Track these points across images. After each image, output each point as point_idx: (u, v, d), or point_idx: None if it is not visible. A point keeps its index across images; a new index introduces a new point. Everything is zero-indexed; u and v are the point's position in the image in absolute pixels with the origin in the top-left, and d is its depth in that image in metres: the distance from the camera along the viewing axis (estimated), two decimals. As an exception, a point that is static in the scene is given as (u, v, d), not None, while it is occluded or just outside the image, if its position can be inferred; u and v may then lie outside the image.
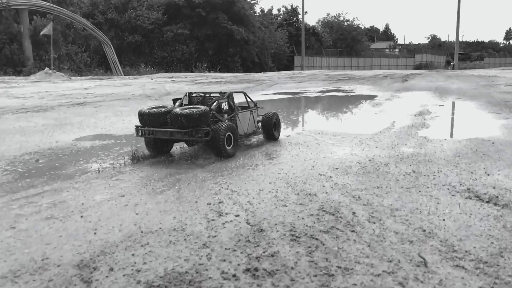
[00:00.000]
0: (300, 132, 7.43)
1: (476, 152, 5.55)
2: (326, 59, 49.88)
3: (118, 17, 34.30)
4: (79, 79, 21.80)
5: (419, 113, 9.55)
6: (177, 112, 5.07)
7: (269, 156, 5.57)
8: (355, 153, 5.58)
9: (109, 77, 24.37)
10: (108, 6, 34.50)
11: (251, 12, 41.57)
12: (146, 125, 5.29)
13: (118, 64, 31.45)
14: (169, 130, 5.10)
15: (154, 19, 35.23)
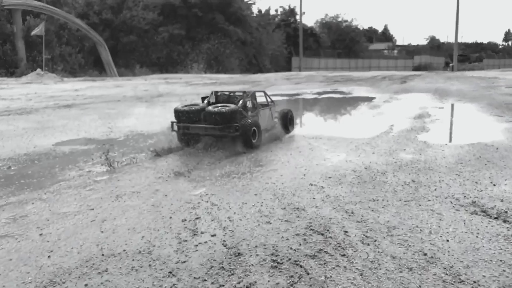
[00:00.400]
0: (294, 136, 7.06)
1: (480, 158, 5.19)
2: (324, 60, 49.56)
3: (113, 18, 33.91)
4: (71, 80, 21.42)
5: (419, 116, 9.19)
6: (211, 110, 5.53)
7: (258, 162, 5.20)
8: (351, 160, 5.21)
9: (102, 78, 23.99)
10: (103, 6, 34.11)
11: (248, 12, 41.25)
12: (181, 121, 5.71)
13: (113, 65, 31.06)
14: (204, 126, 5.58)
15: (150, 19, 34.86)
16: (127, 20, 34.29)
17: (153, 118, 9.24)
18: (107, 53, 30.89)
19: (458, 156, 5.37)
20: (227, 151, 5.66)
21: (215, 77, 26.85)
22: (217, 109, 5.51)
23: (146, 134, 7.62)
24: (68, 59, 30.34)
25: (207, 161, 5.34)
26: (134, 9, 34.95)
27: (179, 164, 5.24)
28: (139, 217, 3.30)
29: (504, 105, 10.59)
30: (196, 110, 5.71)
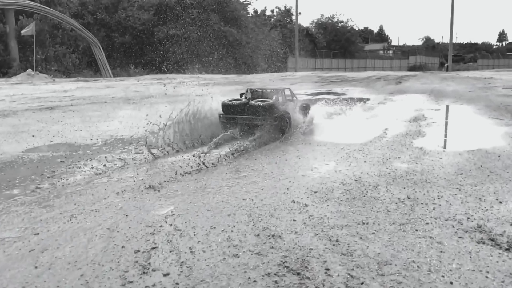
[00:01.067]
0: (281, 142, 6.53)
1: (481, 168, 4.67)
2: (320, 60, 49.04)
3: (108, 18, 33.31)
4: (63, 81, 20.83)
5: (414, 118, 8.68)
6: (254, 104, 6.50)
7: (239, 173, 4.66)
8: (340, 170, 4.68)
9: (95, 79, 23.40)
10: (97, 6, 33.49)
11: (244, 13, 40.69)
12: (229, 113, 6.61)
13: (107, 66, 30.45)
14: (249, 117, 6.48)
15: (145, 19, 34.26)
16: (122, 20, 33.69)
17: (138, 121, 8.69)
18: (102, 54, 30.28)
19: (458, 165, 4.85)
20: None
21: (209, 78, 26.26)
22: (259, 103, 6.49)
23: (126, 139, 7.08)
24: (62, 59, 29.73)
25: (184, 171, 4.82)
26: (129, 9, 34.36)
27: (153, 174, 4.70)
28: (87, 246, 2.76)
29: (502, 107, 10.09)
30: (241, 103, 6.61)
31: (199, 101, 7.19)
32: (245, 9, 41.23)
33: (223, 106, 6.71)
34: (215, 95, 7.53)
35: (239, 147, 5.85)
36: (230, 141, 6.31)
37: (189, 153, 5.69)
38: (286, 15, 47.56)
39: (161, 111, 9.41)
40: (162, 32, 34.28)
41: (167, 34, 34.39)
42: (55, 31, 29.70)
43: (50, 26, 29.24)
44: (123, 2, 34.40)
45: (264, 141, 6.37)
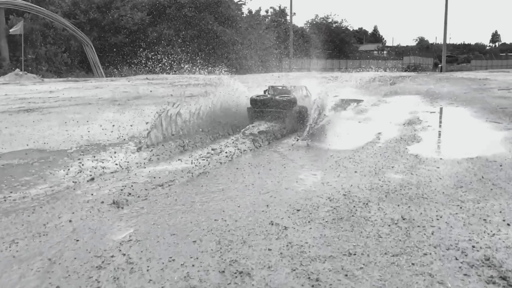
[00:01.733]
0: (267, 147, 6.04)
1: (483, 180, 4.20)
2: (314, 61, 48.62)
3: (101, 17, 32.69)
4: (52, 81, 20.24)
5: (409, 122, 8.23)
6: (279, 99, 7.26)
7: (217, 185, 4.17)
8: (328, 182, 4.20)
9: (85, 79, 22.83)
10: (90, 5, 32.86)
11: (239, 13, 40.19)
12: (257, 107, 7.34)
13: (100, 65, 29.86)
14: (275, 110, 7.24)
15: (138, 19, 33.67)
16: (115, 20, 33.09)
17: (119, 124, 8.18)
18: (94, 53, 29.69)
19: (457, 176, 4.38)
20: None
21: (202, 78, 25.74)
22: (283, 98, 7.31)
23: (103, 144, 6.55)
24: (54, 59, 29.11)
25: (158, 182, 4.32)
26: (122, 9, 33.75)
27: (122, 187, 4.20)
28: (17, 285, 2.25)
29: (499, 109, 9.66)
30: (267, 98, 7.39)
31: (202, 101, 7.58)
32: (239, 9, 40.75)
33: (251, 100, 7.47)
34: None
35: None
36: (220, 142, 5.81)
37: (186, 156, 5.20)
38: (281, 15, 47.09)
39: (146, 115, 8.92)
40: (155, 32, 33.71)
41: (160, 34, 33.83)
42: (47, 30, 29.07)
43: (41, 25, 28.61)
44: (116, 2, 33.80)
45: (285, 132, 7.10)
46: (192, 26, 35.15)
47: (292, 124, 7.35)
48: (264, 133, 6.66)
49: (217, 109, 7.50)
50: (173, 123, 6.61)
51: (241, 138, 6.52)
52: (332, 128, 7.63)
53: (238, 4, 40.33)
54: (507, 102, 10.73)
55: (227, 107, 7.68)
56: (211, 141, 6.57)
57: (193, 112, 7.18)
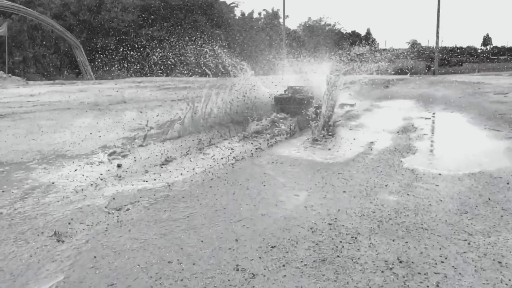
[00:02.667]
0: (249, 159, 5.42)
1: (490, 203, 3.61)
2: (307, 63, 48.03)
3: (91, 19, 31.94)
4: (37, 84, 19.50)
5: (403, 129, 7.64)
6: (297, 97, 8.25)
7: (183, 210, 3.54)
8: (312, 206, 3.58)
9: (72, 82, 22.10)
10: (80, 7, 32.08)
11: (231, 15, 39.58)
12: (279, 104, 8.35)
13: (89, 68, 29.08)
14: (294, 106, 8.12)
15: (129, 21, 32.94)
16: (106, 22, 32.33)
17: (93, 132, 7.53)
18: (83, 56, 28.90)
19: (459, 197, 3.78)
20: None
21: (193, 80, 25.07)
22: (301, 97, 8.29)
23: (70, 155, 5.90)
24: (42, 61, 28.33)
25: (117, 205, 3.70)
26: (112, 11, 33.00)
27: (73, 210, 3.56)
28: None
29: (497, 115, 9.10)
30: (288, 97, 8.48)
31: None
32: (232, 11, 40.13)
33: (275, 98, 8.63)
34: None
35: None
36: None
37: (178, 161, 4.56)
38: (274, 17, 46.51)
39: (125, 121, 8.28)
40: (146, 34, 33.02)
41: (151, 36, 33.14)
42: (35, 32, 28.27)
43: (29, 27, 27.81)
44: (106, 4, 33.04)
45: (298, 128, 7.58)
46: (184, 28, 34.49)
47: (308, 120, 7.65)
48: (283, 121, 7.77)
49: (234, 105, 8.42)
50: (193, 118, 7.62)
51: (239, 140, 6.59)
52: (321, 137, 7.02)
53: (230, 6, 39.72)
54: (504, 108, 10.18)
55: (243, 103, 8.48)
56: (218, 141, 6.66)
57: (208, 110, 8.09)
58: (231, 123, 7.98)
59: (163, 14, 34.06)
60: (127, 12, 33.37)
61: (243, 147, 6.17)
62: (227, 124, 7.93)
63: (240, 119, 7.95)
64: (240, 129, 7.50)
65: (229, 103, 8.43)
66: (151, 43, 32.98)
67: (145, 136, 6.69)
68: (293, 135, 7.11)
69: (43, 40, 28.80)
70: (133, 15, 33.37)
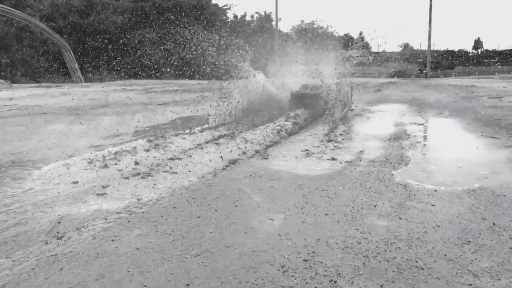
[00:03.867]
0: (224, 171, 4.84)
1: (495, 230, 3.05)
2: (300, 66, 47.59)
3: (81, 21, 31.25)
4: (21, 87, 18.80)
5: (395, 136, 7.10)
6: (311, 93, 9.54)
7: (134, 241, 2.95)
8: (287, 234, 3.01)
9: (58, 85, 21.42)
10: (70, 9, 31.39)
11: (224, 18, 39.05)
12: (295, 98, 9.49)
13: (78, 70, 28.41)
14: (309, 100, 9.37)
15: (120, 23, 32.30)
16: (96, 24, 31.67)
17: (62, 140, 6.93)
18: (72, 58, 28.23)
19: (459, 221, 3.23)
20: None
21: (183, 83, 24.50)
22: (313, 93, 9.48)
23: (30, 166, 5.29)
24: (31, 63, 27.60)
25: (55, 232, 3.11)
26: (103, 13, 32.34)
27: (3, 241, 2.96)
28: None
29: (493, 121, 8.58)
30: (303, 93, 9.58)
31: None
32: (224, 14, 39.60)
33: (292, 94, 9.68)
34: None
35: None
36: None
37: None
38: (266, 20, 46.01)
39: (102, 126, 7.70)
40: (137, 37, 32.38)
41: (142, 38, 32.50)
42: (23, 34, 27.53)
43: (16, 29, 27.08)
44: (97, 6, 32.38)
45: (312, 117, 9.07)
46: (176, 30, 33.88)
47: (318, 111, 9.19)
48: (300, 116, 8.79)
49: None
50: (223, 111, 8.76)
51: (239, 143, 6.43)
52: (307, 145, 6.46)
53: (223, 9, 39.20)
54: (500, 113, 9.68)
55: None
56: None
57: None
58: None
59: (154, 17, 33.44)
60: (118, 14, 32.73)
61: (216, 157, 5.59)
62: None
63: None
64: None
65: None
66: (142, 46, 32.35)
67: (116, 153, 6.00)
68: (304, 127, 8.36)
69: (32, 42, 28.08)
70: (124, 17, 32.73)
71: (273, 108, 9.48)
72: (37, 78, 27.06)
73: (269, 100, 9.75)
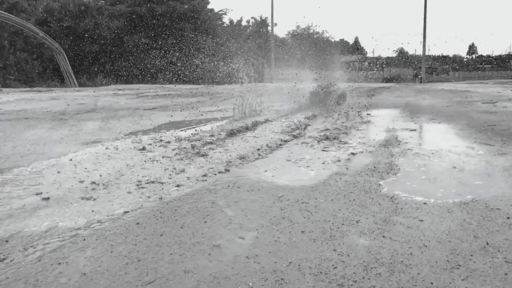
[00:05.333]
0: (204, 181, 4.49)
1: (488, 250, 2.72)
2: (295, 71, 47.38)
3: (76, 26, 30.91)
4: (11, 92, 18.42)
5: (385, 143, 6.77)
6: (326, 90, 12.62)
7: (81, 265, 2.60)
8: (256, 255, 2.67)
9: (50, 89, 21.05)
10: (64, 13, 31.05)
11: (219, 22, 38.80)
12: (313, 96, 12.64)
13: (72, 75, 28.03)
14: (323, 97, 12.47)
15: (115, 28, 31.98)
16: (91, 28, 31.35)
17: (38, 147, 6.57)
18: (66, 62, 27.86)
19: (449, 240, 2.89)
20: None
21: (177, 88, 24.17)
22: (326, 90, 12.66)
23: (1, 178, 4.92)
24: (24, 67, 27.21)
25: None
26: (98, 17, 32.02)
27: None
28: None
29: (487, 127, 8.28)
30: (318, 91, 12.59)
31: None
32: (220, 18, 39.36)
33: (310, 92, 12.76)
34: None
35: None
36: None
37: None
38: (262, 25, 45.83)
39: (84, 132, 7.41)
40: (132, 41, 32.05)
41: (137, 43, 32.19)
42: (16, 38, 27.15)
43: (10, 33, 26.71)
44: (91, 10, 32.07)
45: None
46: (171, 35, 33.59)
47: (331, 104, 12.29)
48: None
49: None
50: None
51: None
52: (293, 151, 6.12)
53: (219, 13, 38.94)
54: (494, 118, 9.37)
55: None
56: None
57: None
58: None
59: (149, 22, 33.15)
60: (112, 19, 32.41)
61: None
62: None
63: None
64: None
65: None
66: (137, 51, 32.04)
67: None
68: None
69: (25, 46, 27.70)
70: (118, 22, 32.42)
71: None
72: (31, 82, 26.67)
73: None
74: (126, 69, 32.32)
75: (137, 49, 32.24)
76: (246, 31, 43.97)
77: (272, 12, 41.46)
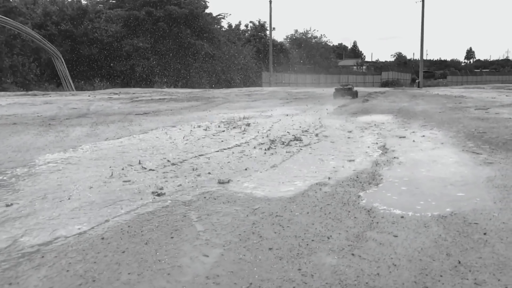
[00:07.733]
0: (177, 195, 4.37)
1: (459, 270, 2.60)
2: (294, 75, 47.38)
3: (73, 29, 30.85)
4: (6, 95, 18.31)
5: (372, 151, 6.66)
6: (346, 87, 19.21)
7: (31, 286, 2.47)
8: (217, 276, 2.55)
9: (45, 93, 20.96)
10: (62, 17, 31.00)
11: (217, 27, 38.76)
12: (337, 92, 18.89)
13: (70, 79, 27.93)
14: (345, 92, 18.90)
15: (113, 31, 31.92)
16: (89, 32, 31.29)
17: (19, 154, 6.45)
18: (64, 66, 27.77)
19: (420, 258, 2.77)
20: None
21: (174, 92, 24.06)
22: (347, 87, 19.22)
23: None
24: (21, 70, 27.10)
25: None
26: (96, 21, 31.98)
27: None
28: None
29: (477, 134, 8.17)
30: (342, 88, 18.81)
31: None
32: (218, 23, 39.33)
33: (335, 89, 19.01)
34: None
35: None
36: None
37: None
38: (260, 29, 45.82)
39: (70, 138, 7.31)
40: (130, 45, 31.98)
41: (135, 47, 32.12)
42: (13, 41, 27.07)
43: (7, 36, 26.63)
44: (89, 14, 32.03)
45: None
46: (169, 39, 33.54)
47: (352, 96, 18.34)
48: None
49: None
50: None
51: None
52: (279, 159, 5.99)
53: (216, 18, 38.92)
54: (485, 125, 9.26)
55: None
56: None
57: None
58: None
59: (147, 26, 33.11)
60: (110, 22, 32.36)
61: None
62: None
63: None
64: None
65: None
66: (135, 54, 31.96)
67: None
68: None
69: (22, 49, 27.62)
70: (116, 25, 32.37)
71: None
72: (28, 86, 26.56)
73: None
74: (123, 73, 32.24)
75: (135, 53, 32.16)
76: (245, 35, 43.93)
77: (271, 17, 41.38)
